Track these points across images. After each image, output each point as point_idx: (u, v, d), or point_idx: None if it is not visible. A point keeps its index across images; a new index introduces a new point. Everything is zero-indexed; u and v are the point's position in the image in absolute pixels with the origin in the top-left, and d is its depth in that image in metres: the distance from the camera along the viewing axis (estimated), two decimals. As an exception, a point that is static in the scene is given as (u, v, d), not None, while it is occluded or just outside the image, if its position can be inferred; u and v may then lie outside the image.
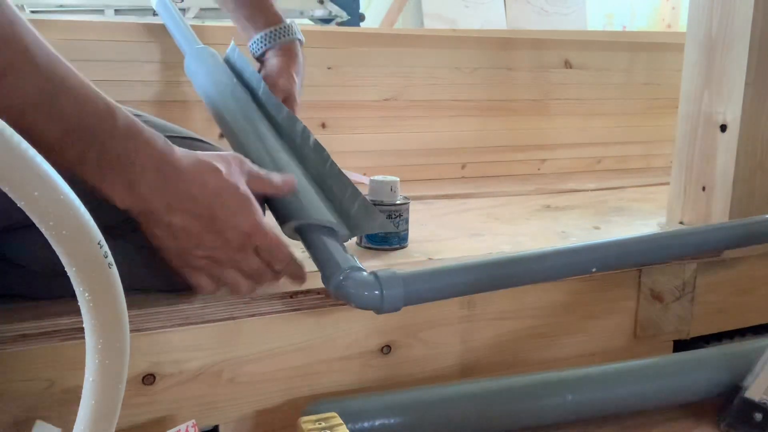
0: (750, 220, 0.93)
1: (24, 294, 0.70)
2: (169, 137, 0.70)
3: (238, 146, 0.81)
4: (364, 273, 0.69)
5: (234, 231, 0.56)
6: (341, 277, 0.68)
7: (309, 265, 0.73)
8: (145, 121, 0.71)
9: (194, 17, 2.21)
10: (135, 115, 0.71)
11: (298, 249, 0.74)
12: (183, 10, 2.09)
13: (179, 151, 0.55)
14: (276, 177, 0.67)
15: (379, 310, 0.68)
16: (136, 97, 1.20)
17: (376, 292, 0.67)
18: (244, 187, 0.60)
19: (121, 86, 1.19)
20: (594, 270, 0.81)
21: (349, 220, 0.76)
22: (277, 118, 0.85)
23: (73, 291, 0.40)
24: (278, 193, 0.68)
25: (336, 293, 0.69)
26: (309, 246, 0.72)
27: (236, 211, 0.56)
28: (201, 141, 0.72)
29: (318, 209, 0.73)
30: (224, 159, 0.60)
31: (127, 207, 0.51)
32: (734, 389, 0.77)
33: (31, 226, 0.35)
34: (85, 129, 0.47)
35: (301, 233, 0.73)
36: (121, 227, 0.67)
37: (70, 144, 0.46)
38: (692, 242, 0.89)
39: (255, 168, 0.65)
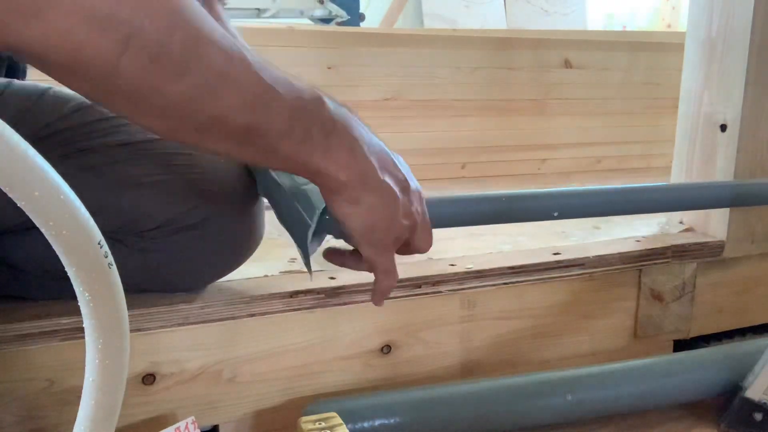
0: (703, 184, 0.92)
1: (21, 296, 0.70)
2: None
3: None
4: None
5: (413, 214, 0.57)
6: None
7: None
8: None
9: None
10: None
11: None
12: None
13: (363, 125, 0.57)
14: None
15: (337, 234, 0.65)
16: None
17: None
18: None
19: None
20: (556, 214, 0.77)
21: None
22: None
23: (70, 293, 0.40)
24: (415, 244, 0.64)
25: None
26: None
27: (419, 199, 0.57)
28: None
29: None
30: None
31: (347, 177, 0.51)
32: (734, 389, 0.77)
33: (28, 229, 0.35)
34: (303, 110, 0.49)
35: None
36: (120, 231, 0.67)
37: (297, 125, 0.48)
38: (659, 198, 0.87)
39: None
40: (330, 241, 0.65)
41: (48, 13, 0.38)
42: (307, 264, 0.62)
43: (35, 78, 0.79)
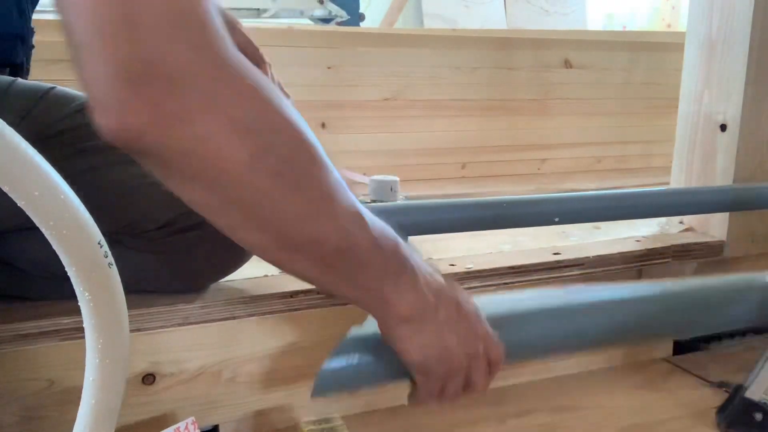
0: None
1: (21, 296, 0.70)
2: None
3: None
4: None
5: (474, 321, 0.58)
6: None
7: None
8: None
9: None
10: None
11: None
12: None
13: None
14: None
15: None
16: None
17: None
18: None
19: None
20: (557, 220, 0.77)
21: None
22: None
23: (70, 293, 0.40)
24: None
25: None
26: None
27: (478, 318, 0.58)
28: None
29: None
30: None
31: (409, 312, 0.53)
32: (735, 389, 0.77)
33: (28, 229, 0.35)
34: (384, 242, 0.51)
35: None
36: (120, 232, 0.67)
37: (377, 256, 0.50)
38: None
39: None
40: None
41: (195, 118, 0.38)
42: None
43: (35, 79, 0.79)
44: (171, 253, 0.69)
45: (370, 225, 0.50)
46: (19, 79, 0.71)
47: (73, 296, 0.39)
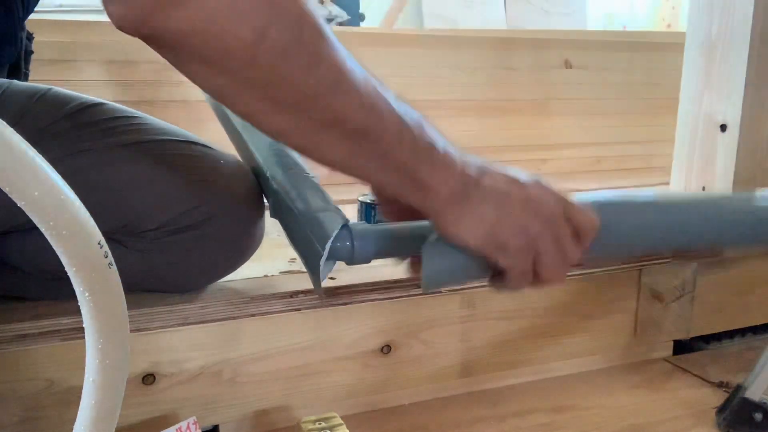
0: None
1: (20, 296, 0.70)
2: (169, 140, 0.70)
3: (240, 145, 0.80)
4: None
5: (539, 203, 0.53)
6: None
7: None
8: (145, 123, 0.71)
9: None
10: (133, 116, 0.71)
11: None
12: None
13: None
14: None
15: (349, 261, 0.62)
16: (136, 97, 1.20)
17: (347, 243, 0.60)
18: None
19: (121, 86, 1.19)
20: None
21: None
22: None
23: (68, 294, 0.40)
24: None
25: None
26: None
27: (540, 185, 0.54)
28: (203, 145, 0.72)
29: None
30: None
31: (450, 190, 0.50)
32: (735, 389, 0.77)
33: (28, 230, 0.35)
34: (410, 122, 0.49)
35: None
36: (119, 232, 0.67)
37: (406, 135, 0.49)
38: None
39: None
40: (341, 268, 0.64)
41: (192, 1, 0.39)
42: (318, 289, 0.62)
43: (35, 78, 0.79)
44: (170, 254, 0.69)
45: (393, 101, 0.49)
46: (15, 81, 0.71)
47: (73, 296, 0.39)
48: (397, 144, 0.49)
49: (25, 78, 0.77)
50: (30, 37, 0.77)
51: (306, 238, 0.61)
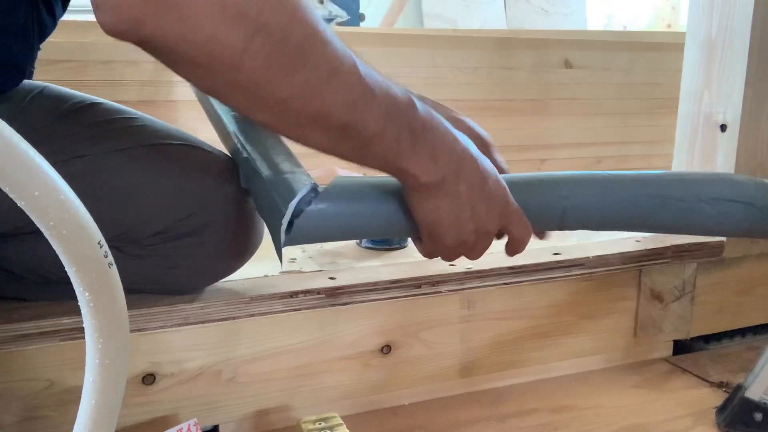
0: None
1: (16, 298, 0.69)
2: (165, 145, 0.69)
3: (212, 115, 0.77)
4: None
5: (495, 202, 0.59)
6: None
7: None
8: (141, 124, 0.70)
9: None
10: (130, 116, 0.71)
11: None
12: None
13: (453, 130, 0.59)
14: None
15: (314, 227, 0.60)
16: (136, 97, 1.20)
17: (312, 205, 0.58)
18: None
19: (121, 86, 1.19)
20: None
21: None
22: None
23: (69, 296, 0.40)
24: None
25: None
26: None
27: (497, 184, 0.59)
28: (199, 147, 0.71)
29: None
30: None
31: (428, 179, 0.55)
32: (735, 389, 0.77)
33: (23, 235, 0.35)
34: (396, 113, 0.52)
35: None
36: (117, 239, 0.66)
37: (389, 127, 0.52)
38: None
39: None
40: (324, 246, 0.64)
41: (184, 6, 0.41)
42: (279, 253, 0.60)
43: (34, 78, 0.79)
44: (168, 259, 0.69)
45: (380, 95, 0.51)
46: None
47: (71, 298, 0.39)
48: (379, 138, 0.52)
49: (30, 77, 0.76)
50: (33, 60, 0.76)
51: (270, 201, 0.60)
